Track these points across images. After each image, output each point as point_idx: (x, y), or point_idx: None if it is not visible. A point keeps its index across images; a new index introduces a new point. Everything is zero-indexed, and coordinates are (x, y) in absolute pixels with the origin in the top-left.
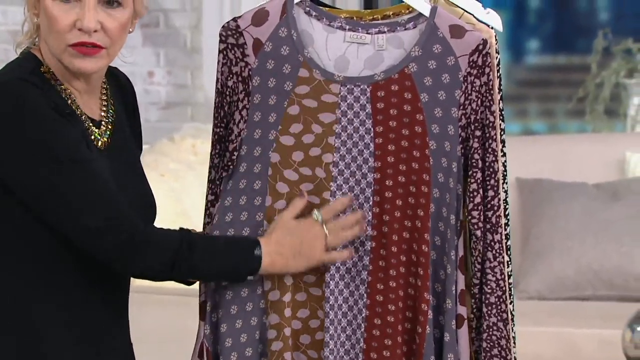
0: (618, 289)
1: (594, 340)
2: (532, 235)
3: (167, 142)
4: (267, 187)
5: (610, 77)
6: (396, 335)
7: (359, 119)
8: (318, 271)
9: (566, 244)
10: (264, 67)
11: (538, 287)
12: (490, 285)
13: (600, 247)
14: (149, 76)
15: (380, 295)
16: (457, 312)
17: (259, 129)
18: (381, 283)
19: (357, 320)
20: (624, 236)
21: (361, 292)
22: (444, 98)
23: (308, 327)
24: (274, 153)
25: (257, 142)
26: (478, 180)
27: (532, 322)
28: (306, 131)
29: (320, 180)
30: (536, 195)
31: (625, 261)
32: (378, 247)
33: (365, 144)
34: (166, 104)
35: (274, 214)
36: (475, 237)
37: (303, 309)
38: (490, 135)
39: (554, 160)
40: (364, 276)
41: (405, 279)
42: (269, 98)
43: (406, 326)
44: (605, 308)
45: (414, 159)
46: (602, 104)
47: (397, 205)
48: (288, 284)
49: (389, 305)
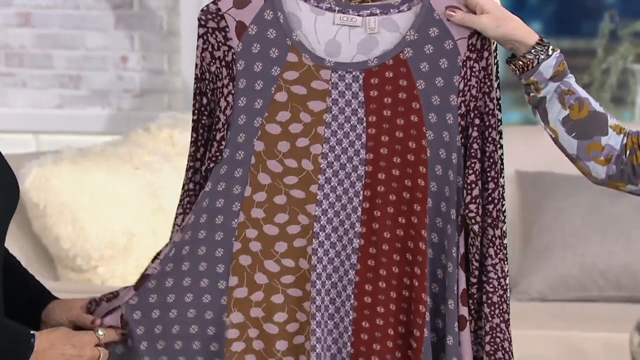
0: (626, 290)
1: (600, 344)
2: (534, 232)
3: (142, 133)
4: (248, 176)
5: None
6: (386, 339)
7: (350, 107)
8: (297, 270)
9: (570, 241)
10: (249, 50)
11: (540, 288)
12: (493, 284)
13: (606, 244)
14: (122, 61)
15: (368, 296)
16: (459, 313)
17: (244, 114)
18: (370, 284)
19: (343, 324)
20: (632, 233)
21: (348, 293)
22: (442, 85)
23: (285, 332)
24: (258, 141)
25: (242, 128)
26: (477, 172)
27: (534, 324)
28: (294, 120)
29: (307, 173)
30: (537, 189)
31: (634, 259)
32: (367, 245)
33: (357, 134)
34: (141, 91)
35: (252, 206)
36: (472, 232)
37: (280, 313)
38: (490, 124)
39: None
40: (352, 276)
41: (399, 280)
42: (255, 83)
43: (400, 330)
44: (611, 310)
45: (410, 151)
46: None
47: (390, 201)
48: (260, 283)
49: (378, 308)
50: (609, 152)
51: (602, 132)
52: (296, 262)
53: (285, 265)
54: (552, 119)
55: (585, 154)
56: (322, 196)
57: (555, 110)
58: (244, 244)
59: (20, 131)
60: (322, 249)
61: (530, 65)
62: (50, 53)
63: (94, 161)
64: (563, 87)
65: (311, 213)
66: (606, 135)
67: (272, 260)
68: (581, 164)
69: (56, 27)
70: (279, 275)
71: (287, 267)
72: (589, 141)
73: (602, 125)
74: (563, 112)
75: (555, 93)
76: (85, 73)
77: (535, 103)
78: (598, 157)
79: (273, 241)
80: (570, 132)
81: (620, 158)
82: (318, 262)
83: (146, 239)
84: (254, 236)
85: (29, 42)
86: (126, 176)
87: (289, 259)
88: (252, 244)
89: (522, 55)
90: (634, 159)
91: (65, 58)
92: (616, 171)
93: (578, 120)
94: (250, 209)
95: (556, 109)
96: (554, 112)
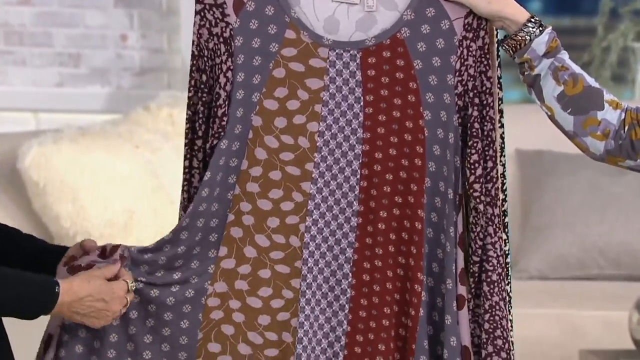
0: (625, 268)
1: (599, 322)
2: (533, 211)
3: (141, 112)
4: (245, 150)
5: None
6: (382, 317)
7: (348, 86)
8: (287, 247)
9: (570, 220)
10: (247, 27)
11: (539, 266)
12: (492, 263)
13: (606, 223)
14: (121, 40)
15: (366, 274)
16: (458, 292)
17: (242, 89)
18: (368, 262)
19: (339, 302)
20: (631, 211)
21: (345, 271)
22: (439, 64)
23: (269, 307)
24: (256, 116)
25: (240, 102)
26: (479, 151)
27: (533, 303)
28: (291, 97)
29: (303, 150)
30: (537, 167)
31: (633, 238)
32: (365, 223)
33: (354, 113)
34: (140, 70)
35: (247, 180)
36: (476, 211)
37: (265, 287)
38: (487, 103)
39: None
40: (349, 254)
41: (395, 259)
42: (253, 59)
43: (394, 309)
44: (611, 288)
45: (407, 130)
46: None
47: (387, 180)
48: (249, 257)
49: (375, 286)
50: (605, 127)
51: (598, 107)
52: (287, 238)
53: (276, 241)
54: (547, 96)
55: (582, 130)
56: (318, 174)
57: (550, 87)
58: (237, 217)
59: (19, 109)
60: (316, 227)
61: (523, 43)
62: (50, 31)
63: (94, 140)
64: (557, 64)
65: (306, 191)
66: (602, 110)
67: (263, 235)
68: (578, 140)
69: (56, 5)
70: (268, 250)
71: (278, 243)
72: (585, 116)
73: (597, 100)
74: (558, 89)
75: (549, 70)
76: (84, 51)
77: (530, 81)
78: (595, 132)
79: (266, 216)
80: (565, 108)
81: (619, 133)
82: (311, 240)
83: (146, 217)
84: (247, 210)
85: (28, 21)
86: (126, 155)
87: (280, 234)
88: (245, 217)
89: (513, 33)
90: (633, 135)
91: (65, 36)
92: (614, 146)
93: (573, 95)
94: (246, 182)
95: (551, 86)
96: (548, 89)
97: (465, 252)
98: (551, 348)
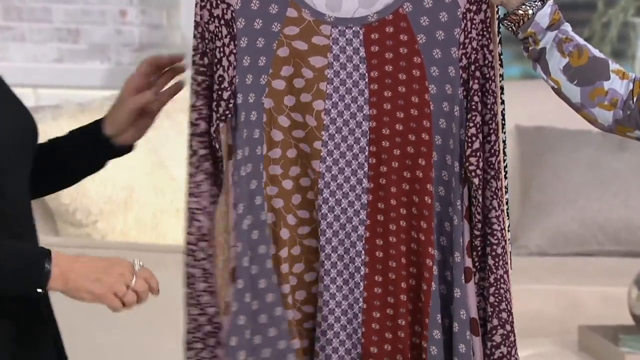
0: (624, 244)
1: (598, 297)
2: (533, 187)
3: None
4: (263, 134)
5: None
6: (399, 293)
7: (352, 63)
8: (312, 221)
9: (570, 196)
10: (247, 8)
11: (539, 242)
12: (497, 236)
13: (606, 199)
14: (121, 15)
15: (380, 251)
16: (465, 265)
17: (250, 74)
18: (380, 238)
19: (354, 279)
20: (631, 188)
21: (358, 249)
22: (442, 38)
23: (304, 282)
24: (267, 99)
25: (250, 88)
26: (477, 125)
27: (533, 279)
28: (296, 75)
29: (311, 129)
30: (537, 144)
31: (633, 214)
32: (376, 200)
33: (360, 90)
34: (140, 46)
35: (269, 163)
36: (474, 185)
37: (298, 264)
38: (490, 76)
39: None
40: (361, 232)
41: (407, 233)
42: (257, 40)
43: (411, 283)
44: (610, 264)
45: (413, 105)
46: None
47: (395, 156)
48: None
49: (390, 262)
50: (612, 96)
51: (604, 77)
52: (310, 213)
53: (301, 217)
54: (553, 69)
55: (589, 101)
56: (326, 153)
57: (556, 60)
58: (268, 203)
59: (19, 85)
60: (327, 206)
61: (526, 18)
62: (49, 7)
63: (93, 116)
64: (561, 35)
65: (316, 169)
66: (608, 80)
67: (291, 214)
68: (586, 111)
69: None
70: (296, 228)
71: (303, 219)
72: (592, 87)
73: (603, 70)
74: (563, 61)
75: (554, 42)
76: (84, 27)
77: (536, 56)
78: (602, 102)
79: (290, 195)
80: (572, 80)
81: (627, 103)
82: (322, 218)
83: (145, 194)
84: (274, 193)
85: None
86: None
87: (304, 210)
88: (274, 200)
89: (514, 9)
90: None
91: (64, 12)
92: (623, 116)
93: (579, 66)
94: (268, 166)
95: (556, 58)
96: (554, 62)
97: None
98: (550, 324)
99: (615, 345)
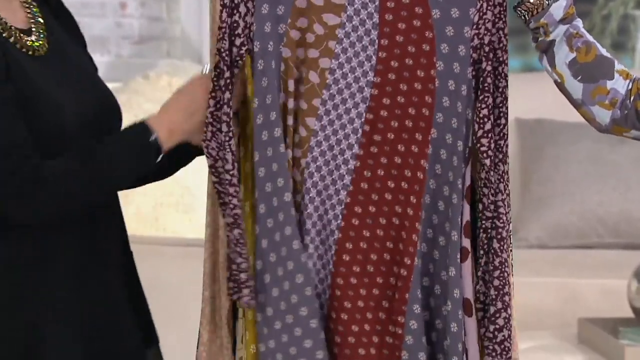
0: (624, 237)
1: (598, 290)
2: (533, 180)
3: (141, 80)
4: (281, 84)
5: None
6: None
7: (364, 27)
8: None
9: (569, 189)
10: None
11: (539, 235)
12: (502, 219)
13: (605, 192)
14: (121, 8)
15: (356, 219)
16: (462, 245)
17: (269, 21)
18: (360, 206)
19: (328, 242)
20: (631, 181)
21: (336, 212)
22: (457, 16)
23: None
24: (285, 48)
25: (269, 36)
26: (489, 106)
27: (533, 271)
28: (309, 29)
29: (313, 86)
30: (537, 136)
31: (632, 207)
32: (363, 167)
33: (367, 55)
34: (140, 39)
35: (286, 113)
36: (485, 166)
37: None
38: (503, 60)
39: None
40: (342, 196)
41: (390, 206)
42: None
43: (385, 257)
44: (610, 256)
45: (417, 79)
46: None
47: (392, 127)
48: None
49: (364, 231)
50: (613, 96)
51: (608, 77)
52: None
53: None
54: (559, 63)
55: (590, 98)
56: (323, 112)
57: (563, 54)
58: None
59: None
60: (315, 165)
61: (540, 8)
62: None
63: None
64: (572, 30)
65: (310, 126)
66: (612, 80)
67: None
68: (585, 109)
69: None
70: None
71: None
72: (595, 85)
73: (608, 69)
74: (570, 55)
75: (564, 36)
76: (83, 19)
77: (544, 47)
78: (603, 101)
79: None
80: (576, 76)
81: (625, 103)
82: (309, 176)
83: (146, 186)
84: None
85: None
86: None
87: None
88: None
89: None
90: (639, 104)
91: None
92: (620, 116)
93: (585, 63)
94: (286, 115)
95: (564, 52)
96: (561, 56)
97: (472, 206)
98: (550, 316)
99: (615, 337)
